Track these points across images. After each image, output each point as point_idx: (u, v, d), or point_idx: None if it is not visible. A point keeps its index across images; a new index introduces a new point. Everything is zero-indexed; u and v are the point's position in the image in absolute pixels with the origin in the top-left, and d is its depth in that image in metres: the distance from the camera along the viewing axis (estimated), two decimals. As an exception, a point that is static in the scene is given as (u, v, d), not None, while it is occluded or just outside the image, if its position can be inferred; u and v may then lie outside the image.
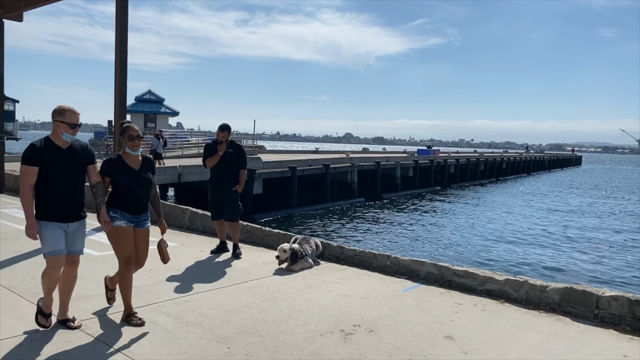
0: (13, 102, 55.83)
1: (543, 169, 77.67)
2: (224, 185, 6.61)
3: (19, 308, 4.30)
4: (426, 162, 40.46)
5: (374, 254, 6.18)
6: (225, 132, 6.53)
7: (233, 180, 6.66)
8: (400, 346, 3.75)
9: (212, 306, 4.52)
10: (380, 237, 19.66)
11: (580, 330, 4.25)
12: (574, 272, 15.05)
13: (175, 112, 44.08)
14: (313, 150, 48.75)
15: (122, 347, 3.57)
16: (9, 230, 7.72)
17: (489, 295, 5.10)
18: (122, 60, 8.71)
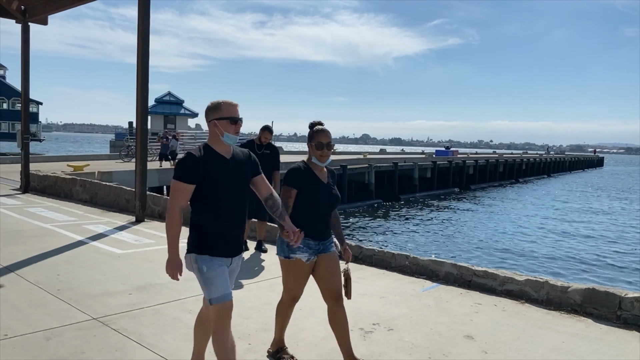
0: (37, 104, 57.11)
1: (564, 170, 76.52)
2: None
3: (47, 304, 4.41)
4: (444, 163, 40.20)
5: (393, 254, 6.19)
6: (268, 133, 6.66)
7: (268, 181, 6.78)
8: (420, 345, 3.77)
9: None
10: (398, 238, 19.61)
11: (603, 331, 4.21)
12: (596, 273, 14.84)
13: (194, 113, 44.54)
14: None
15: (147, 342, 3.65)
16: (35, 229, 7.91)
17: (509, 295, 5.07)
18: (143, 62, 8.87)
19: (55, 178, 12.93)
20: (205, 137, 24.04)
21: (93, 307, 4.36)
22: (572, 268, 15.33)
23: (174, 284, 5.12)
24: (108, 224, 8.64)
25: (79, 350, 3.46)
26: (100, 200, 11.19)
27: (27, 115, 13.44)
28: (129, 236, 7.64)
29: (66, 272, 5.45)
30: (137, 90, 8.95)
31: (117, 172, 16.09)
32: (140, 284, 5.09)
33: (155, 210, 9.58)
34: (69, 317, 4.10)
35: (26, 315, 4.10)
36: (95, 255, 6.29)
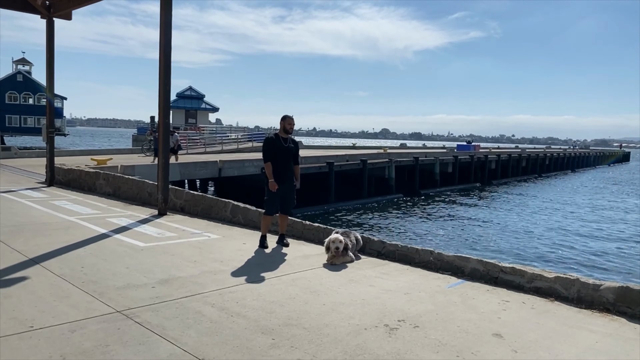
0: (61, 99, 58.13)
1: (588, 165, 74.94)
2: (286, 180, 6.65)
3: (71, 295, 4.43)
4: (466, 157, 39.70)
5: (417, 250, 6.08)
6: (291, 119, 6.64)
7: (292, 175, 6.74)
8: (447, 342, 3.67)
9: (255, 297, 4.55)
10: (419, 233, 19.42)
11: (638, 331, 4.05)
12: (627, 271, 14.45)
13: (215, 108, 44.82)
14: (350, 146, 48.60)
15: (170, 335, 3.63)
16: (60, 222, 8.01)
17: (537, 293, 4.93)
18: (166, 57, 8.88)
19: (79, 172, 13.11)
20: (226, 131, 24.18)
21: (116, 299, 4.36)
22: (602, 266, 14.96)
23: (197, 278, 5.12)
24: (131, 217, 8.71)
25: (103, 343, 3.46)
26: (123, 194, 11.29)
27: (51, 110, 13.64)
28: (151, 229, 7.68)
29: (90, 264, 5.49)
30: (159, 84, 8.98)
31: (140, 165, 16.25)
32: (163, 277, 5.09)
33: (177, 204, 9.63)
34: (93, 309, 4.11)
35: (51, 307, 4.13)
36: (119, 248, 6.33)
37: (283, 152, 6.57)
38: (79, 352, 3.29)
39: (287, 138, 6.67)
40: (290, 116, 6.69)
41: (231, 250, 6.45)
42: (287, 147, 6.61)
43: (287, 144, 6.63)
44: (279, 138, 6.63)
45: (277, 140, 6.62)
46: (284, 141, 6.62)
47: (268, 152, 6.57)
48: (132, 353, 3.32)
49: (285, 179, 6.62)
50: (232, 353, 3.37)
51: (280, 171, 6.57)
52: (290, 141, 6.69)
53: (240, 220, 8.39)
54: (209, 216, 8.94)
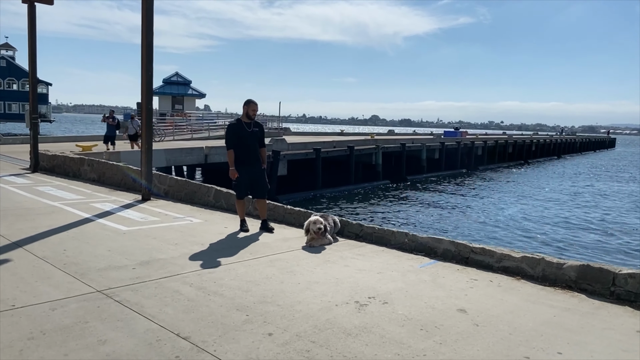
0: (46, 85, 57.31)
1: (574, 151, 75.83)
2: (253, 164, 6.73)
3: (52, 277, 4.55)
4: (453, 144, 40.04)
5: (392, 232, 6.26)
6: (254, 105, 6.69)
7: (259, 159, 6.82)
8: (413, 317, 3.86)
9: (233, 278, 4.71)
10: (402, 218, 19.71)
11: (595, 306, 4.27)
12: (593, 251, 14.94)
13: (202, 94, 44.56)
14: (338, 132, 48.68)
15: (148, 313, 3.77)
16: (43, 207, 8.08)
17: (505, 272, 5.14)
18: (148, 41, 8.90)
19: (63, 158, 13.11)
20: (213, 117, 24.25)
21: (97, 280, 4.49)
22: (571, 247, 15.48)
23: (177, 260, 5.26)
24: (115, 202, 8.80)
25: (83, 320, 3.60)
26: (108, 180, 11.35)
27: (35, 95, 13.58)
28: (134, 214, 7.78)
29: (72, 247, 5.60)
30: (141, 69, 9.01)
31: (125, 152, 16.25)
32: (144, 259, 5.22)
33: (162, 189, 9.72)
34: (74, 289, 4.24)
35: (33, 287, 4.25)
36: (101, 232, 6.44)
37: (247, 136, 6.63)
38: (59, 328, 3.43)
39: (251, 122, 6.72)
40: (253, 101, 6.73)
41: (212, 233, 6.59)
42: (250, 131, 6.67)
43: (251, 128, 6.69)
44: (242, 123, 6.70)
45: (239, 125, 6.70)
46: (247, 126, 6.69)
47: (231, 138, 6.66)
48: (111, 329, 3.47)
49: (252, 163, 6.70)
50: (207, 328, 3.53)
51: (246, 155, 6.66)
52: (254, 125, 6.75)
53: (223, 205, 8.51)
54: (192, 201, 9.05)
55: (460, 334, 3.58)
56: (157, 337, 3.35)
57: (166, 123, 30.71)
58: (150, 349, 3.17)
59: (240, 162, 6.71)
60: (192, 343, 3.28)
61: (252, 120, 6.75)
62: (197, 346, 3.23)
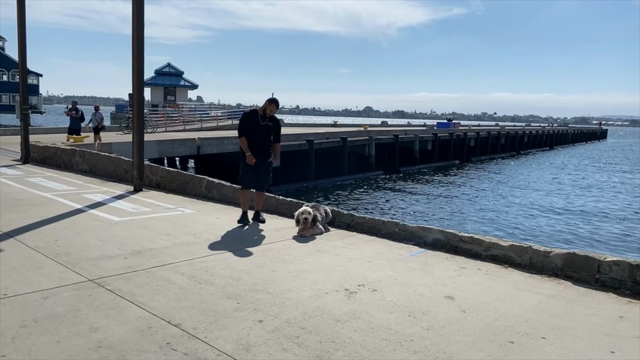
0: (37, 76, 56.77)
1: (566, 142, 76.28)
2: (260, 157, 6.69)
3: (44, 266, 4.57)
4: (445, 135, 40.16)
5: (383, 221, 6.33)
6: (274, 107, 6.61)
7: (268, 153, 6.80)
8: (401, 304, 3.92)
9: (224, 267, 4.75)
10: (394, 209, 19.82)
11: (580, 293, 4.36)
12: (579, 239, 15.15)
13: (194, 85, 44.33)
14: (331, 124, 48.66)
15: (139, 301, 3.81)
16: (35, 198, 8.07)
17: (493, 260, 5.22)
18: (139, 32, 8.85)
19: (55, 149, 13.05)
20: (206, 109, 24.10)
21: (89, 269, 4.52)
22: (558, 236, 15.69)
23: (169, 249, 5.29)
24: (107, 193, 8.79)
25: (75, 308, 3.63)
26: (100, 171, 11.33)
27: (25, 86, 13.48)
28: (126, 205, 7.79)
29: (64, 237, 5.62)
30: (132, 60, 8.97)
31: (117, 143, 16.19)
32: (135, 249, 5.25)
33: (153, 180, 9.72)
34: (66, 278, 4.26)
35: (25, 276, 4.27)
36: (93, 223, 6.45)
37: (258, 129, 6.60)
38: (51, 317, 3.46)
39: (266, 116, 6.63)
40: (276, 103, 6.61)
41: (204, 224, 6.62)
42: (264, 125, 6.62)
43: (265, 122, 6.63)
44: (257, 115, 6.64)
45: (253, 115, 6.65)
46: (261, 119, 6.62)
47: (242, 126, 6.66)
48: (102, 317, 3.50)
49: (259, 155, 6.68)
50: (198, 315, 3.58)
51: (254, 148, 6.63)
52: (269, 119, 6.67)
53: (215, 196, 8.54)
54: (184, 192, 9.07)
55: (447, 320, 3.64)
56: (148, 325, 3.39)
57: (158, 114, 30.56)
58: (141, 336, 3.21)
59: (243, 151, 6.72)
60: (184, 330, 3.32)
61: (269, 116, 6.67)
62: (188, 333, 3.28)
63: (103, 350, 3.01)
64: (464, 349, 3.20)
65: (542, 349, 3.23)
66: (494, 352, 3.16)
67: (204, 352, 3.03)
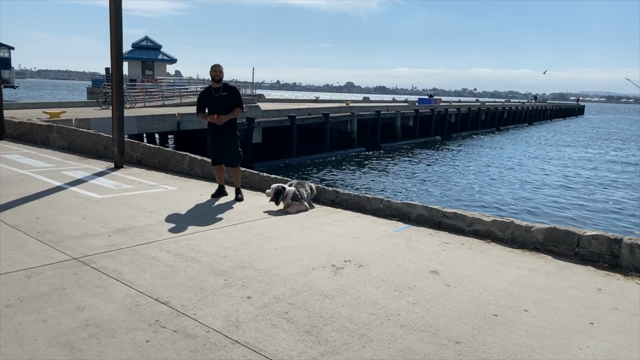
0: (8, 49, 54.85)
1: (545, 118, 77.28)
2: (222, 131, 6.64)
3: (26, 245, 4.50)
4: (427, 111, 40.29)
5: (368, 198, 6.36)
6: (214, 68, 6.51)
7: (231, 125, 6.73)
8: (387, 279, 3.98)
9: (210, 244, 4.74)
10: (378, 185, 19.95)
11: (560, 266, 4.48)
12: (561, 215, 15.51)
13: (173, 59, 43.40)
14: (313, 100, 48.35)
15: (126, 279, 3.79)
16: (12, 175, 7.89)
17: (476, 235, 5.31)
18: (116, 2, 8.59)
19: (31, 125, 12.72)
20: (185, 84, 23.62)
21: (73, 248, 4.47)
22: (539, 211, 16.04)
23: (153, 227, 5.25)
24: (86, 170, 8.64)
25: (60, 287, 3.60)
26: (78, 147, 11.10)
27: (-3, 59, 13.02)
28: (107, 182, 7.68)
29: (45, 216, 5.52)
30: (110, 32, 8.72)
31: (95, 119, 15.85)
32: (119, 227, 5.20)
33: (134, 157, 9.57)
34: (49, 257, 4.21)
35: (7, 255, 4.20)
36: (74, 200, 6.35)
37: (215, 102, 6.54)
38: (36, 296, 3.43)
39: (219, 87, 6.58)
40: (215, 64, 6.57)
41: (188, 201, 6.58)
42: (218, 96, 6.56)
43: (219, 93, 6.58)
44: (210, 89, 6.63)
45: (207, 91, 6.66)
46: (215, 91, 6.58)
47: (199, 105, 6.73)
48: (89, 295, 3.48)
49: (220, 130, 6.61)
50: (186, 293, 3.58)
51: (214, 122, 6.57)
52: (224, 89, 6.61)
53: (198, 173, 8.46)
54: (167, 169, 8.96)
55: (432, 295, 3.72)
56: (136, 303, 3.38)
57: (136, 89, 29.89)
58: (129, 314, 3.20)
59: (209, 129, 6.72)
60: (172, 307, 3.33)
61: (222, 85, 6.61)
62: (176, 310, 3.28)
63: (91, 328, 3.00)
64: (449, 322, 3.27)
65: (524, 321, 3.33)
66: (478, 325, 3.24)
67: (193, 328, 3.05)
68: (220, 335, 2.97)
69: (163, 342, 2.87)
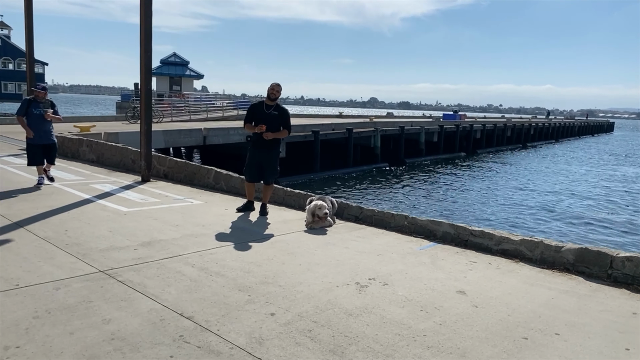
0: (42, 65, 56.76)
1: (572, 135, 75.77)
2: (266, 148, 6.65)
3: (55, 257, 4.58)
4: (451, 127, 39.95)
5: (392, 214, 6.30)
6: (272, 87, 6.57)
7: (275, 143, 6.75)
8: (413, 298, 3.91)
9: (234, 259, 4.74)
10: (401, 200, 19.78)
11: (592, 288, 4.33)
12: (591, 234, 15.05)
13: (200, 75, 44.23)
14: (337, 115, 48.52)
15: (151, 293, 3.81)
16: (43, 187, 8.07)
17: (504, 254, 5.19)
18: (146, 21, 8.80)
19: (62, 138, 13.05)
20: (211, 99, 23.97)
21: (100, 260, 4.52)
22: (569, 230, 15.61)
23: (178, 241, 5.29)
24: (114, 184, 8.80)
25: (87, 299, 3.63)
26: (107, 161, 11.33)
27: (32, 75, 13.47)
28: (134, 195, 7.80)
29: (74, 228, 5.62)
30: (140, 50, 8.92)
31: (123, 133, 16.18)
32: (145, 240, 5.25)
33: (161, 170, 9.72)
34: (77, 269, 4.27)
35: (36, 267, 4.28)
36: (102, 213, 6.45)
37: (264, 118, 6.56)
38: (63, 308, 3.46)
39: (272, 105, 6.62)
40: (276, 83, 6.64)
41: (213, 215, 6.62)
42: (268, 113, 6.59)
43: (270, 110, 6.60)
44: (262, 104, 6.65)
45: (259, 106, 6.68)
46: (266, 108, 6.61)
47: (247, 116, 6.74)
48: (115, 308, 3.50)
49: (264, 146, 6.65)
50: (210, 308, 3.57)
51: (258, 137, 6.60)
52: (275, 108, 6.64)
53: (223, 187, 8.53)
54: (192, 183, 9.06)
55: (459, 315, 3.63)
56: (160, 317, 3.39)
57: (164, 104, 30.51)
58: (154, 329, 3.21)
59: (252, 144, 6.74)
60: (196, 322, 3.32)
61: (275, 104, 6.64)
62: (200, 325, 3.28)
63: (116, 342, 3.01)
64: (477, 344, 3.18)
65: (556, 346, 3.21)
66: (507, 348, 3.14)
67: (217, 345, 3.03)
68: (244, 352, 2.95)
69: (187, 358, 2.86)
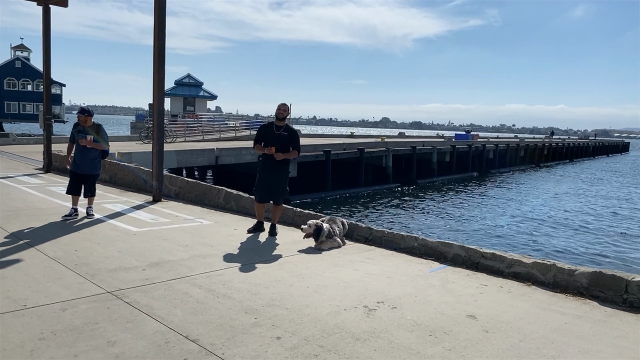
0: (60, 86, 57.95)
1: (587, 155, 75.01)
2: (275, 169, 6.66)
3: (64, 277, 4.59)
4: (464, 147, 39.81)
5: (402, 236, 6.24)
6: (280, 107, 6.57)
7: (285, 164, 6.76)
8: (422, 323, 3.83)
9: (242, 280, 4.71)
10: (412, 221, 19.63)
11: (607, 314, 4.22)
12: (605, 258, 14.77)
13: (213, 95, 44.80)
14: (348, 135, 48.67)
15: (157, 314, 3.79)
16: (56, 207, 8.16)
17: (515, 278, 5.10)
18: (160, 43, 8.96)
19: (76, 158, 13.21)
20: (224, 119, 24.22)
21: (107, 281, 4.52)
22: (582, 252, 15.32)
23: (187, 261, 5.28)
24: (126, 203, 8.86)
25: (93, 320, 3.62)
26: (119, 180, 11.43)
27: (49, 96, 13.73)
28: (145, 215, 7.83)
29: (83, 248, 5.65)
30: (153, 71, 9.07)
31: (137, 153, 16.36)
32: (153, 261, 5.25)
33: (172, 190, 9.77)
34: (84, 290, 4.27)
35: (45, 287, 4.29)
36: (112, 233, 6.48)
37: (273, 139, 6.59)
38: (69, 329, 3.45)
39: (281, 126, 6.64)
40: (283, 103, 6.64)
41: (222, 235, 6.61)
42: (278, 134, 6.60)
43: (279, 131, 6.62)
44: (272, 125, 6.68)
45: (268, 127, 6.72)
46: (276, 129, 6.63)
47: (257, 137, 6.78)
48: (120, 330, 3.49)
49: (273, 167, 6.65)
50: (215, 331, 3.54)
51: (268, 158, 6.62)
52: (284, 129, 6.66)
53: (233, 207, 8.54)
54: (203, 203, 9.09)
55: (469, 340, 3.55)
56: (166, 339, 3.36)
57: (177, 124, 30.87)
58: (159, 351, 3.18)
59: (261, 164, 6.76)
60: (201, 346, 3.28)
61: (284, 125, 6.67)
62: (205, 349, 3.24)
63: (120, 365, 2.98)
64: (487, 371, 3.10)
65: (569, 374, 3.12)
66: (519, 376, 3.05)
67: (221, 369, 2.99)
68: (248, 377, 2.90)
69: (190, 383, 2.81)
